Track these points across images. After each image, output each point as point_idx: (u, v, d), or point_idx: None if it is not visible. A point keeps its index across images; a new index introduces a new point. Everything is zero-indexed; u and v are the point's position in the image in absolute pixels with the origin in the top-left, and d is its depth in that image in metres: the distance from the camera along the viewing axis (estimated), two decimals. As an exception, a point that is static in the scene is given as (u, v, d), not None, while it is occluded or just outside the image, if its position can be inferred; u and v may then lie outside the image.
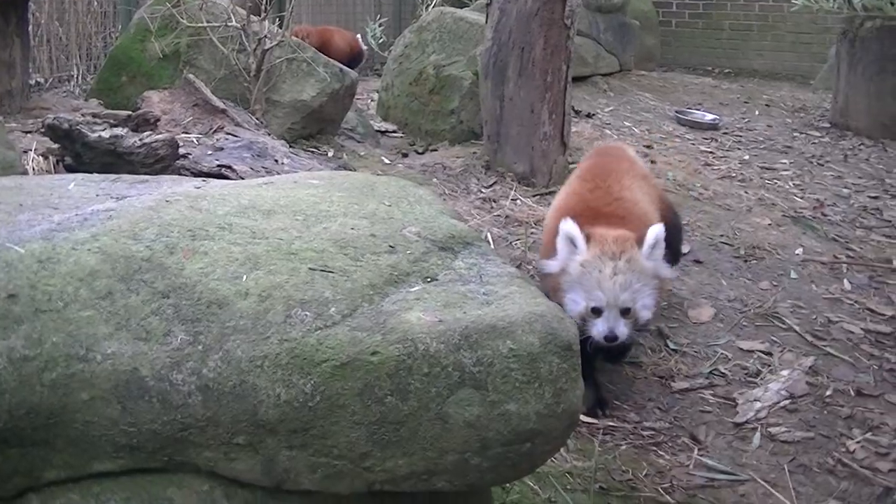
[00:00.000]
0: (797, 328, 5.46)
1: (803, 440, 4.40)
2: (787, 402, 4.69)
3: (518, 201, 6.94)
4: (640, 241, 4.24)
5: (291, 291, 2.51)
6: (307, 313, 2.47)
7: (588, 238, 4.22)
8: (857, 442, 4.42)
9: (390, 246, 2.81)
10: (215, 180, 3.55)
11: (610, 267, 4.14)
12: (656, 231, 4.28)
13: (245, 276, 2.54)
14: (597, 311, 4.17)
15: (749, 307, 5.68)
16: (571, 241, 4.21)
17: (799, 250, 6.75)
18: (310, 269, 2.60)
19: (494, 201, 6.91)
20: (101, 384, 2.39)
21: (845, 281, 6.32)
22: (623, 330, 4.18)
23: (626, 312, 4.18)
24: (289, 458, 2.47)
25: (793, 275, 6.29)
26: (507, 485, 3.54)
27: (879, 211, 8.15)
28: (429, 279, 2.73)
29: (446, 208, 3.30)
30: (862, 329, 5.57)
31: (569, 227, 4.23)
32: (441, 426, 2.45)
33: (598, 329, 4.16)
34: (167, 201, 2.90)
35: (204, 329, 2.44)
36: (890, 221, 7.89)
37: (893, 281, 6.43)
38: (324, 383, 2.39)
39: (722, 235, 6.80)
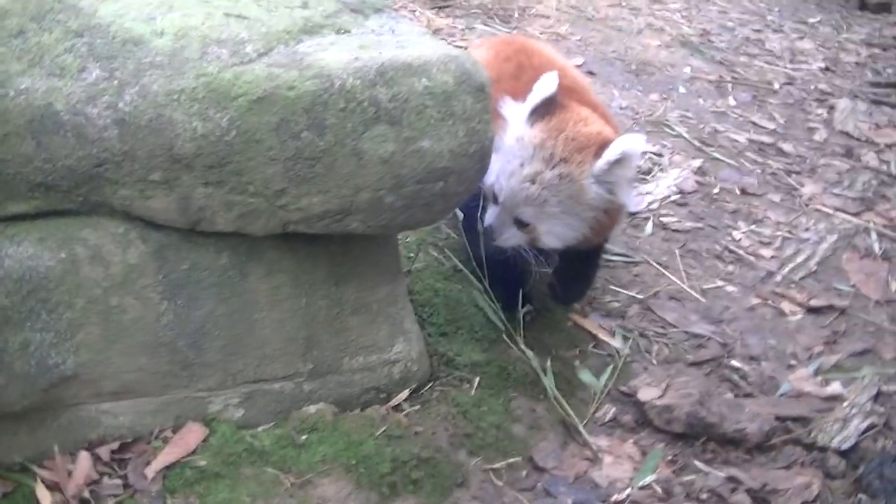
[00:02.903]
0: (686, 135, 5.63)
1: (693, 229, 4.62)
2: (677, 196, 4.88)
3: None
4: (600, 152, 3.16)
5: (207, 31, 2.51)
6: (223, 51, 2.47)
7: (550, 112, 3.22)
8: (743, 232, 4.66)
9: (303, 1, 2.80)
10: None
11: (533, 167, 3.17)
12: (626, 144, 3.14)
13: (160, 17, 2.53)
14: (495, 197, 3.32)
15: (640, 115, 5.82)
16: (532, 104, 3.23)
17: (687, 69, 6.89)
18: (225, 14, 2.59)
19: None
20: (15, 119, 2.39)
21: (731, 97, 6.52)
22: (506, 236, 3.30)
23: (522, 225, 3.28)
24: (204, 195, 2.51)
25: (681, 89, 6.45)
26: (413, 254, 3.65)
27: (762, 42, 8.31)
28: (342, 31, 2.74)
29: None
30: (746, 139, 5.80)
31: (546, 82, 3.23)
32: (356, 162, 2.50)
33: (487, 214, 3.34)
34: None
35: (119, 65, 2.43)
36: (772, 51, 8.06)
37: (774, 101, 6.65)
38: (240, 118, 2.41)
39: (614, 52, 6.89)
